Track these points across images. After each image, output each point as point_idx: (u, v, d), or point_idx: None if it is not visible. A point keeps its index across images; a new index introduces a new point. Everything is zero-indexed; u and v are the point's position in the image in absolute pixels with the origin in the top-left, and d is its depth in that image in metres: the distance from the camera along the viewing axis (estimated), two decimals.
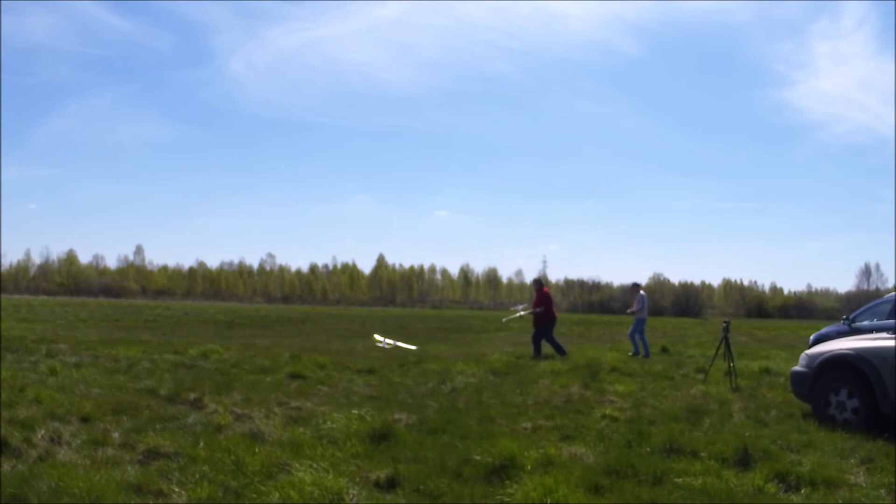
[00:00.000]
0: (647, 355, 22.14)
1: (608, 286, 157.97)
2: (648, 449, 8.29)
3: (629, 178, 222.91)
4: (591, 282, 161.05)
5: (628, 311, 24.79)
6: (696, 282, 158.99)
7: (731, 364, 14.77)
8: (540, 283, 22.35)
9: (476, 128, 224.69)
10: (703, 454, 8.03)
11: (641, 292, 23.25)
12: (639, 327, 22.80)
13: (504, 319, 25.85)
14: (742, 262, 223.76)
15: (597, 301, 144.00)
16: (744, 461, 7.80)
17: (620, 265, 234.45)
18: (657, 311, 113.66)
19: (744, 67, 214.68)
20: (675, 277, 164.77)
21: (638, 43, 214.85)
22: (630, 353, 22.58)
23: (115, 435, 8.44)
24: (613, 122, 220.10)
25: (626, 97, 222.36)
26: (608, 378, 15.12)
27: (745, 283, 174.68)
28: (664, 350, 24.12)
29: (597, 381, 14.59)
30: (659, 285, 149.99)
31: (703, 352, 23.19)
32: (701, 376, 15.69)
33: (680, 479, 6.99)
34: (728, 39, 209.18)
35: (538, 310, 20.93)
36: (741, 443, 8.28)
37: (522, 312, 22.16)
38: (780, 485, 7.00)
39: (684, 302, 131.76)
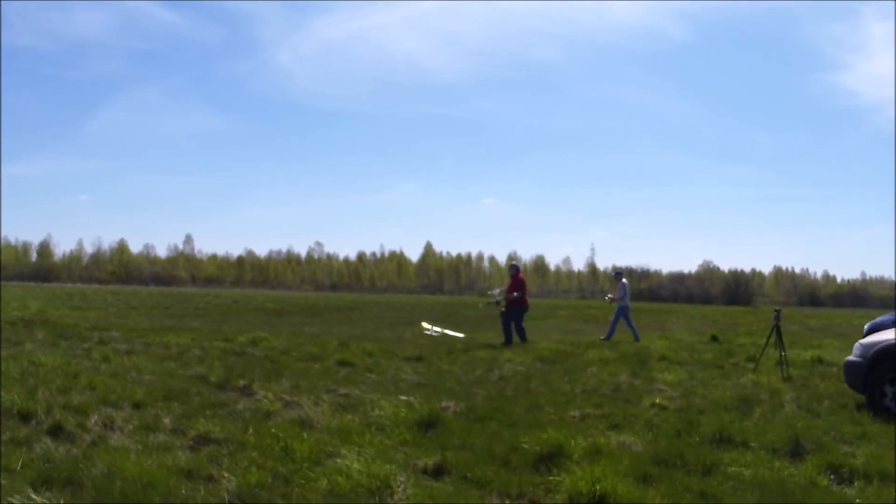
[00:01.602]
0: (636, 339, 22.47)
1: (657, 274, 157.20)
2: (698, 438, 8.23)
3: (678, 165, 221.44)
4: (639, 269, 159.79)
5: (608, 297, 25.80)
6: (747, 269, 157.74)
7: (783, 353, 14.58)
8: (516, 269, 22.04)
9: (522, 115, 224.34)
10: (753, 444, 7.95)
11: (623, 280, 23.81)
12: (622, 313, 23.22)
13: (480, 305, 25.66)
14: (794, 249, 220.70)
15: (646, 289, 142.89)
16: (795, 452, 7.71)
17: (670, 253, 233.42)
18: (707, 300, 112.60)
19: (794, 50, 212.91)
20: (725, 265, 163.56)
21: (685, 27, 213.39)
22: (601, 338, 22.92)
23: (167, 421, 8.53)
24: (661, 109, 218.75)
25: (673, 82, 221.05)
26: (657, 367, 15.02)
27: (797, 270, 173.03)
28: (714, 339, 23.84)
29: (646, 369, 14.51)
30: (709, 273, 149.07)
31: (753, 340, 22.88)
32: (752, 365, 15.50)
33: (730, 470, 6.92)
34: (778, 22, 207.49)
35: (514, 295, 20.76)
36: (793, 433, 8.19)
37: (499, 298, 22.04)
38: (833, 477, 6.91)
39: (734, 290, 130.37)
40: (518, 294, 20.88)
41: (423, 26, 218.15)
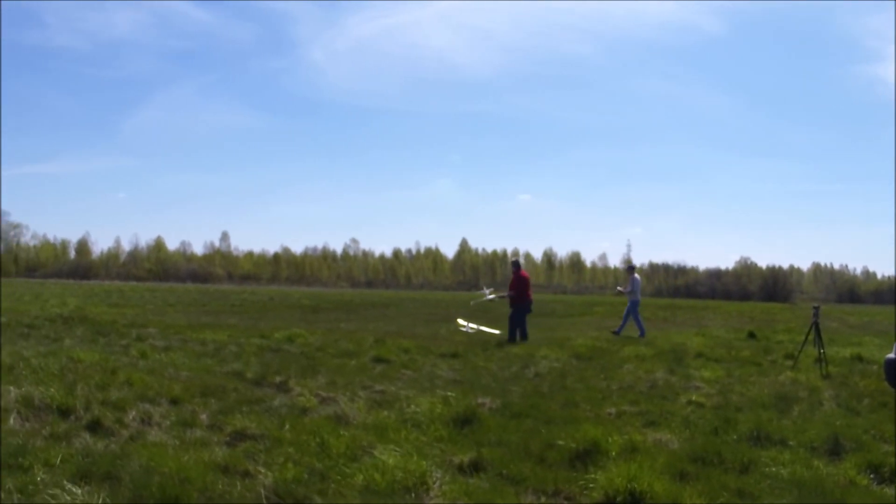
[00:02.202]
0: (641, 335, 22.68)
1: (693, 270, 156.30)
2: (735, 436, 8.18)
3: (714, 160, 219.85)
4: (675, 266, 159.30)
5: (618, 288, 26.55)
6: (785, 266, 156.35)
7: (822, 350, 14.44)
8: (517, 266, 22.01)
9: (557, 111, 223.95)
10: (791, 442, 7.90)
11: (635, 275, 24.08)
12: (633, 308, 23.34)
13: (472, 302, 25.64)
14: (833, 245, 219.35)
15: (682, 285, 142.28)
16: (834, 451, 7.65)
17: (706, 249, 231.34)
18: (745, 296, 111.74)
19: (832, 43, 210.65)
20: (763, 261, 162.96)
21: (719, 20, 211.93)
22: (613, 331, 23.33)
23: (203, 417, 8.60)
24: (696, 103, 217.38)
25: (708, 77, 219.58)
26: (694, 363, 14.93)
27: (836, 267, 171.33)
28: (752, 335, 23.64)
29: (682, 366, 14.43)
30: (746, 269, 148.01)
31: (791, 338, 22.68)
32: (790, 363, 15.36)
33: (768, 468, 6.88)
34: (815, 13, 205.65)
35: (507, 294, 20.72)
36: (832, 432, 8.13)
37: (491, 296, 21.97)
38: (873, 476, 6.85)
39: (772, 286, 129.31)
40: (514, 292, 20.88)
41: (455, 23, 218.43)
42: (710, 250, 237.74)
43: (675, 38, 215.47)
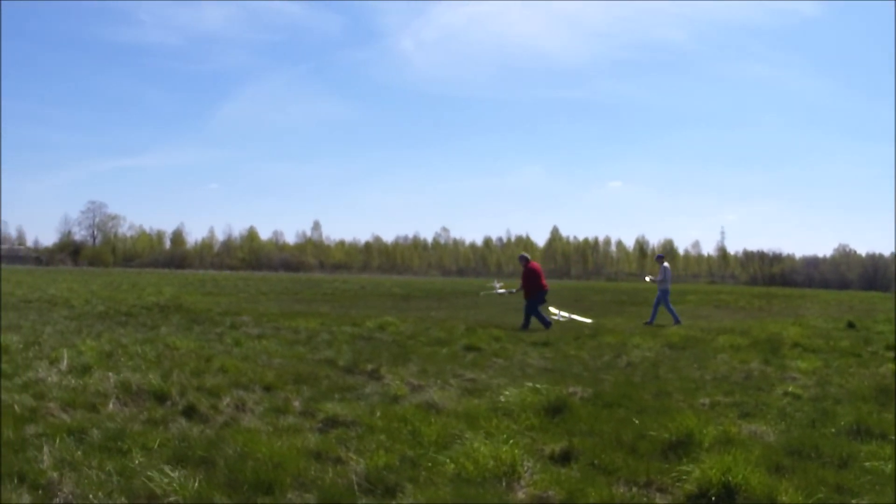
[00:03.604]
0: (676, 321, 22.83)
1: (790, 258, 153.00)
2: (834, 429, 7.97)
3: (811, 144, 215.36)
4: (771, 253, 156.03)
5: (648, 278, 26.62)
6: (886, 253, 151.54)
7: None
8: (526, 259, 21.90)
9: (647, 96, 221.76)
10: (893, 437, 7.66)
11: (665, 264, 24.14)
12: (664, 297, 23.46)
13: (481, 293, 25.44)
14: None
15: (778, 273, 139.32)
16: None
17: (803, 236, 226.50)
18: (844, 285, 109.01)
19: None
20: (863, 249, 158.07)
21: (815, 1, 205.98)
22: (645, 322, 23.20)
23: (296, 403, 8.74)
24: (792, 86, 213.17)
25: (804, 59, 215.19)
26: (790, 354, 14.61)
27: None
28: (851, 325, 23.04)
29: (778, 356, 14.14)
30: (844, 257, 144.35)
31: (893, 328, 22.05)
32: (891, 354, 14.96)
33: (868, 464, 6.67)
34: None
35: (514, 291, 20.66)
36: None
37: (501, 290, 21.80)
38: None
39: (872, 274, 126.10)
40: (525, 285, 21.07)
41: (542, 9, 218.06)
42: (807, 237, 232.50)
43: (771, 20, 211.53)
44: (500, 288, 22.42)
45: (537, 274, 21.27)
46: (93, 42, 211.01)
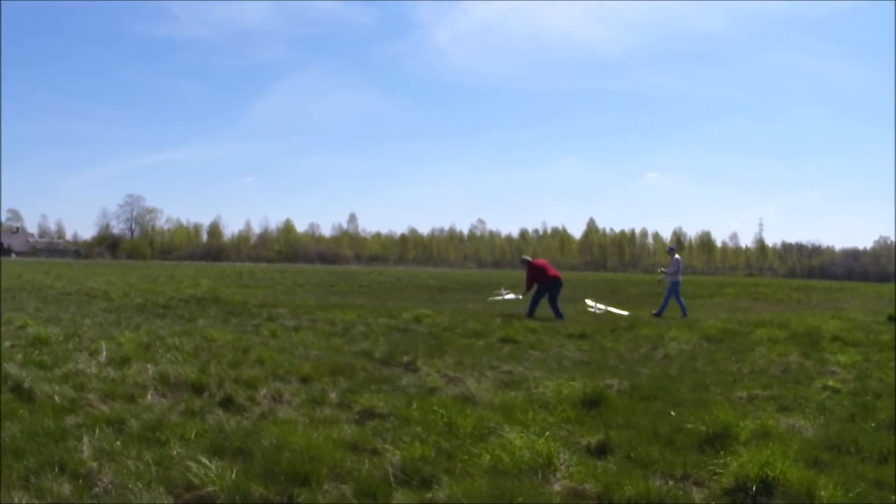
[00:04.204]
0: (684, 314, 22.83)
1: (829, 250, 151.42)
2: (874, 424, 7.89)
3: (851, 134, 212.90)
4: (810, 245, 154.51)
5: (660, 270, 26.40)
6: None
7: None
8: (526, 262, 22.42)
9: (684, 87, 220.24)
10: None
11: (676, 256, 24.31)
12: (674, 289, 23.73)
13: (489, 299, 25.44)
14: None
15: (817, 265, 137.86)
16: None
17: (843, 228, 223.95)
18: (883, 277, 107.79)
19: None
20: None
21: None
22: (654, 313, 23.43)
23: (333, 395, 8.78)
24: (832, 75, 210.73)
25: (844, 47, 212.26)
26: (829, 347, 14.47)
27: None
28: (892, 319, 22.72)
29: (817, 350, 14.01)
30: (885, 249, 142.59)
31: None
32: None
33: None
34: None
35: (521, 296, 20.72)
36: None
37: (509, 296, 21.82)
38: None
39: None
40: (528, 283, 21.63)
41: (578, 1, 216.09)
42: (846, 229, 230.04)
43: (812, 8, 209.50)
44: (508, 294, 22.41)
45: (542, 268, 21.72)
46: (130, 38, 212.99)
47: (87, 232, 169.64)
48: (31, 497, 5.18)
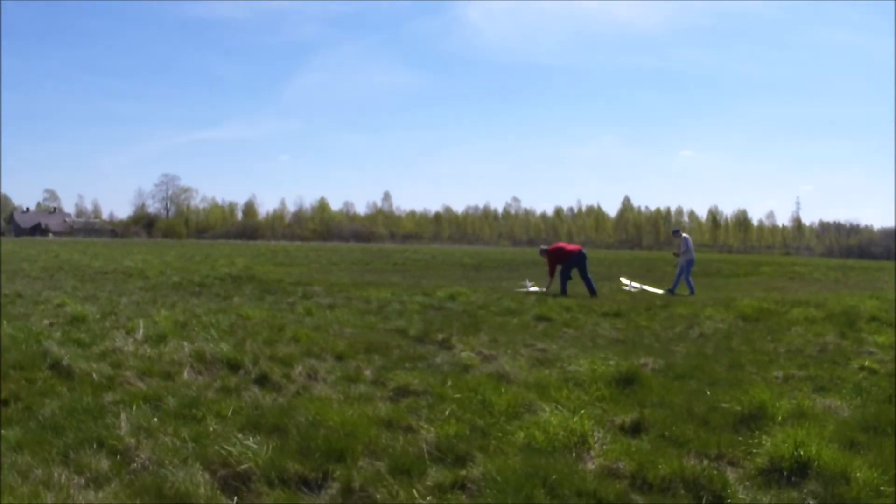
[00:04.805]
0: (691, 292, 22.85)
1: (868, 229, 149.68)
2: None
3: (892, 112, 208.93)
4: (848, 224, 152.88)
5: (674, 252, 26.86)
6: None
7: None
8: (542, 251, 22.51)
9: (722, 64, 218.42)
10: None
11: (684, 235, 24.11)
12: (687, 267, 23.69)
13: (514, 290, 25.45)
14: None
15: (855, 245, 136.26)
16: None
17: (882, 206, 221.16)
18: None
19: None
20: None
21: None
22: (667, 289, 23.59)
23: (367, 372, 8.85)
24: (875, 53, 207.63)
25: (886, 22, 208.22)
26: (867, 328, 14.31)
27: None
28: None
29: (854, 330, 13.87)
30: None
31: None
32: None
33: None
34: None
35: (545, 289, 21.19)
36: None
37: (534, 288, 21.69)
38: None
39: None
40: (549, 269, 21.62)
41: None
42: (886, 208, 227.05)
43: None
44: (532, 286, 22.39)
45: (558, 249, 21.75)
46: (164, 17, 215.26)
47: (123, 211, 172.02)
48: (70, 472, 5.26)
